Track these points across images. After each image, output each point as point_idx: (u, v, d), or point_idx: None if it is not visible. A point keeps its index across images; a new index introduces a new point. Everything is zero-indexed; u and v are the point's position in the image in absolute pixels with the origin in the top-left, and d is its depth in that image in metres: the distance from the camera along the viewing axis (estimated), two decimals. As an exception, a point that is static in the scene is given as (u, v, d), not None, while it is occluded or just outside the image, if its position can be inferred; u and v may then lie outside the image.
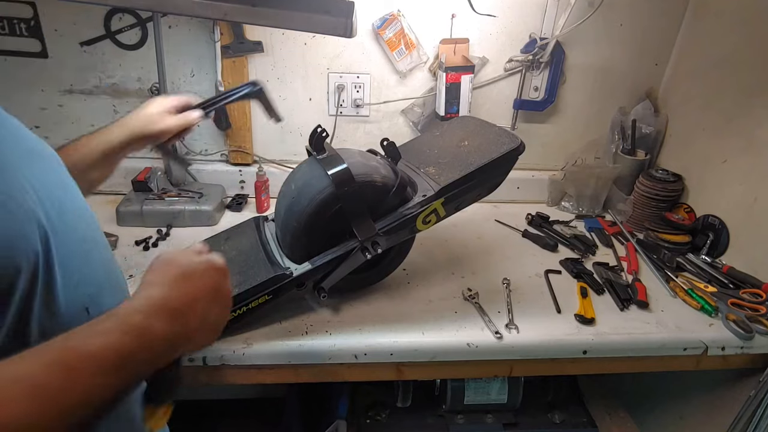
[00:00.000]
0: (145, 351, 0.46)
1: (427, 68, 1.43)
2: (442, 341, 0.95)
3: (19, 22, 1.27)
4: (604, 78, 1.49)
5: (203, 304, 0.54)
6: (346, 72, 1.41)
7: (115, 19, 1.29)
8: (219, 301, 0.57)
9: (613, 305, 1.08)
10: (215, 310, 0.56)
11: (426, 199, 0.94)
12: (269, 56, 1.37)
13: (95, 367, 0.42)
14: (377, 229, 0.91)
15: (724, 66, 1.31)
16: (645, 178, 1.41)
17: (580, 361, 1.00)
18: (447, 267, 1.19)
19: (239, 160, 1.48)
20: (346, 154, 0.96)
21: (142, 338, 0.46)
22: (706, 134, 1.35)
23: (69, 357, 0.41)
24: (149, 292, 0.52)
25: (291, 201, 0.94)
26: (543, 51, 1.40)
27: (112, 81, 1.36)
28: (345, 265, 0.92)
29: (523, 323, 1.00)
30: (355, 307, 1.02)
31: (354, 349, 0.93)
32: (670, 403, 1.35)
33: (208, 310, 0.55)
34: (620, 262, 1.26)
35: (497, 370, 1.02)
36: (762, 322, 1.03)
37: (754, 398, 1.06)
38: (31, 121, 1.38)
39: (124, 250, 1.18)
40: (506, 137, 1.01)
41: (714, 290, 1.12)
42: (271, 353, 0.90)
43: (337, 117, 1.45)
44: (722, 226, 1.27)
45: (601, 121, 1.54)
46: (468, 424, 1.25)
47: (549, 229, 1.39)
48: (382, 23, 1.34)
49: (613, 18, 1.41)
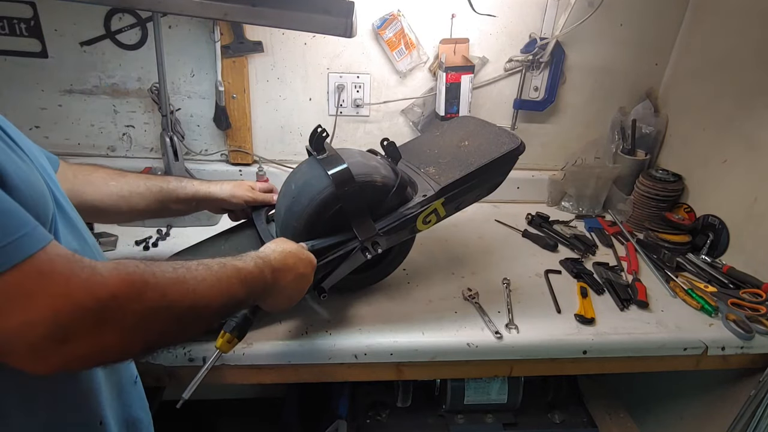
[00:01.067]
0: (257, 282, 0.67)
1: (427, 68, 1.43)
2: (442, 341, 0.95)
3: (19, 22, 1.27)
4: (604, 78, 1.49)
5: (291, 276, 0.75)
6: (346, 72, 1.41)
7: (115, 19, 1.29)
8: (301, 282, 0.78)
9: (613, 305, 1.08)
10: (296, 286, 0.77)
11: (426, 199, 0.94)
12: (269, 56, 1.37)
13: (241, 275, 0.64)
14: (377, 229, 0.91)
15: (724, 66, 1.31)
16: (645, 178, 1.41)
17: (580, 361, 1.00)
18: (447, 267, 1.19)
19: (239, 160, 1.48)
20: (347, 154, 0.96)
21: (260, 272, 0.68)
22: (706, 134, 1.35)
23: (231, 267, 0.63)
24: (267, 251, 0.75)
25: (291, 201, 0.94)
26: (543, 51, 1.40)
27: (112, 81, 1.36)
28: (345, 265, 0.92)
29: (523, 323, 1.00)
30: (355, 307, 1.02)
31: (354, 349, 0.93)
32: (670, 403, 1.35)
33: (293, 283, 0.76)
34: (620, 262, 1.26)
35: (497, 370, 1.02)
36: (762, 322, 1.03)
37: (754, 398, 1.06)
38: (31, 121, 1.38)
39: (124, 250, 1.18)
40: (506, 137, 1.01)
41: (714, 290, 1.12)
42: (271, 353, 0.90)
43: (337, 117, 1.45)
44: (722, 226, 1.27)
45: (601, 121, 1.54)
46: (468, 424, 1.25)
47: (549, 229, 1.39)
48: (382, 23, 1.34)
49: (613, 18, 1.41)
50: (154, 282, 0.51)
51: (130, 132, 1.43)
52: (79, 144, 1.43)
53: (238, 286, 0.62)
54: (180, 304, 0.54)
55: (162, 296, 0.51)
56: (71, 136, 1.42)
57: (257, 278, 0.67)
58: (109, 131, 1.42)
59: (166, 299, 0.52)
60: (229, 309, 0.65)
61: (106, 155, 1.45)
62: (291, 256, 0.76)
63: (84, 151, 1.43)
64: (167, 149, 1.32)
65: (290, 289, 0.76)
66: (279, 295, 0.74)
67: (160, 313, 0.52)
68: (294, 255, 0.77)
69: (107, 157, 1.44)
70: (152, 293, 0.50)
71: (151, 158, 1.46)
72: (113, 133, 1.43)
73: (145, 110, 1.41)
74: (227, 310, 0.65)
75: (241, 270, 0.64)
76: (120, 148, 1.45)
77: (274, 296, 0.74)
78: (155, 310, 0.51)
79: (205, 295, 0.57)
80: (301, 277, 0.77)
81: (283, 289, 0.74)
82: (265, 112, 1.44)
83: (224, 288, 0.60)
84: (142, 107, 1.40)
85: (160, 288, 0.51)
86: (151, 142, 1.45)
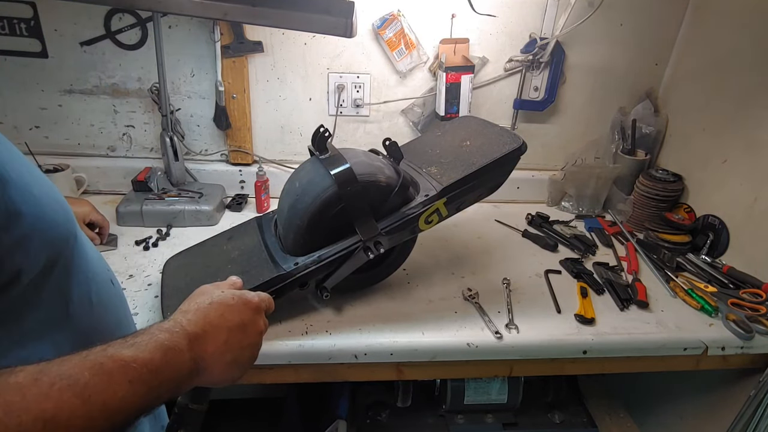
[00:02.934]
0: (169, 368, 0.48)
1: (427, 68, 1.43)
2: (442, 341, 0.95)
3: (19, 22, 1.27)
4: (604, 78, 1.49)
5: (226, 334, 0.56)
6: (346, 72, 1.41)
7: (115, 19, 1.29)
8: (245, 336, 0.58)
9: (613, 305, 1.08)
10: (240, 344, 0.57)
11: (428, 199, 0.95)
12: (269, 56, 1.37)
13: (130, 375, 0.44)
14: (380, 229, 0.91)
15: (724, 66, 1.31)
16: (645, 178, 1.41)
17: (580, 361, 1.01)
18: (447, 267, 1.19)
19: (239, 160, 1.47)
20: (351, 154, 0.96)
21: (167, 356, 0.48)
22: (706, 134, 1.35)
23: (108, 363, 0.43)
24: (177, 316, 0.55)
25: (295, 199, 0.94)
26: (543, 51, 1.40)
27: (112, 81, 1.36)
28: (348, 265, 0.92)
29: (523, 323, 1.00)
30: (355, 307, 1.02)
31: (354, 349, 0.93)
32: (670, 403, 1.35)
33: (231, 342, 0.56)
34: (620, 262, 1.26)
35: (497, 370, 1.02)
36: (762, 322, 1.03)
37: (754, 398, 1.06)
38: (31, 121, 1.38)
39: (124, 250, 1.18)
40: (508, 137, 1.01)
41: (714, 290, 1.12)
42: (271, 353, 0.90)
43: (337, 117, 1.45)
44: (722, 226, 1.27)
45: (601, 121, 1.54)
46: (468, 424, 1.25)
47: (549, 229, 1.39)
48: (382, 23, 1.34)
49: (613, 18, 1.41)
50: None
51: (130, 132, 1.43)
52: (79, 144, 1.43)
53: (128, 390, 0.43)
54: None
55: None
56: (71, 136, 1.42)
57: (164, 363, 0.47)
58: (109, 131, 1.42)
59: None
60: (130, 419, 0.44)
61: (106, 155, 1.45)
62: (213, 310, 0.56)
63: (84, 151, 1.43)
64: (167, 149, 1.32)
65: (230, 353, 0.56)
66: (215, 366, 0.54)
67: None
68: (218, 306, 0.57)
69: (107, 157, 1.44)
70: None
71: (151, 158, 1.46)
72: (113, 133, 1.43)
73: (145, 110, 1.40)
74: (128, 420, 0.44)
75: (130, 364, 0.44)
76: (120, 148, 1.45)
77: (210, 371, 0.54)
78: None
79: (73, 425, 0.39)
80: (238, 329, 0.57)
81: (220, 357, 0.55)
82: (265, 112, 1.44)
83: (103, 402, 0.41)
84: (142, 107, 1.40)
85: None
86: (151, 142, 1.45)
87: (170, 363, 0.48)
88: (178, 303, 0.60)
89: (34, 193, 0.48)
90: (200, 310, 0.56)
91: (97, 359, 0.43)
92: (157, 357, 0.47)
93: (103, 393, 0.41)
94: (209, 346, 0.54)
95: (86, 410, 0.40)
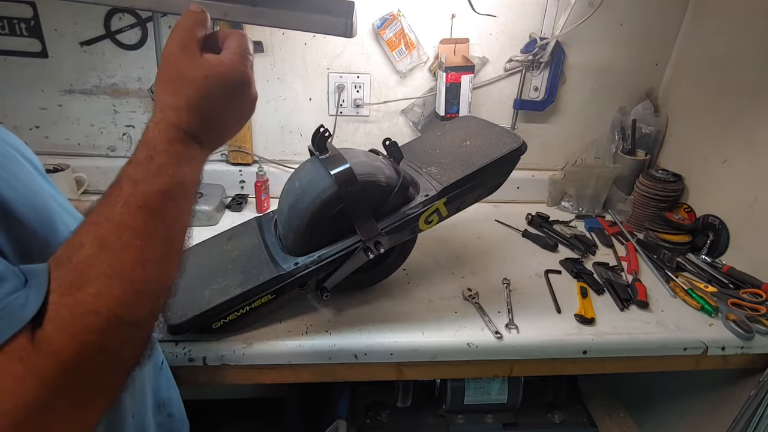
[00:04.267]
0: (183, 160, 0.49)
1: (427, 68, 1.43)
2: (442, 341, 0.95)
3: (19, 22, 1.27)
4: (604, 78, 1.49)
5: (223, 118, 0.54)
6: (346, 72, 1.41)
7: (115, 19, 1.29)
8: (236, 103, 0.55)
9: (613, 305, 1.08)
10: (231, 101, 0.54)
11: (428, 199, 0.94)
12: (269, 56, 1.37)
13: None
14: (380, 229, 0.91)
15: (724, 66, 1.31)
16: (645, 178, 1.41)
17: (580, 361, 1.00)
18: (447, 267, 1.19)
19: (239, 160, 1.47)
20: (351, 154, 0.96)
21: (180, 159, 0.49)
22: (706, 134, 1.35)
23: (129, 179, 0.46)
24: (169, 116, 0.51)
25: (295, 199, 0.94)
26: (543, 51, 1.40)
27: (112, 81, 1.36)
28: (348, 265, 0.92)
29: (523, 323, 1.00)
30: (355, 307, 1.02)
31: (354, 349, 0.93)
32: (670, 403, 1.35)
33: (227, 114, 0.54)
34: (620, 262, 1.26)
35: (497, 370, 1.02)
36: (762, 322, 1.03)
37: (754, 398, 1.06)
38: (31, 121, 1.38)
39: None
40: (508, 137, 1.01)
41: (714, 290, 1.12)
42: (271, 353, 0.90)
43: (337, 117, 1.45)
44: (722, 226, 1.27)
45: (601, 121, 1.54)
46: (468, 424, 1.25)
47: (549, 229, 1.39)
48: (382, 23, 1.34)
49: (613, 18, 1.41)
50: (104, 319, 0.41)
51: (131, 132, 1.43)
52: (79, 144, 1.43)
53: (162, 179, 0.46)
54: (134, 301, 0.43)
55: (118, 325, 0.41)
56: (71, 136, 1.42)
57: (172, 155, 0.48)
58: (109, 131, 1.42)
59: (125, 318, 0.42)
60: (182, 212, 0.49)
61: (106, 155, 1.45)
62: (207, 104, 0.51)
63: (84, 151, 1.43)
64: (167, 149, 1.32)
65: (229, 121, 0.56)
66: (218, 137, 0.55)
67: (123, 332, 0.43)
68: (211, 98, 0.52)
69: (107, 157, 1.44)
70: (110, 332, 0.41)
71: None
72: (113, 133, 1.43)
73: (145, 110, 1.40)
74: (181, 215, 0.49)
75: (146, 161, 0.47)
76: (120, 148, 1.45)
77: (214, 141, 0.54)
78: (125, 342, 0.43)
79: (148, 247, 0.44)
80: (230, 104, 0.54)
81: (221, 132, 0.55)
82: (265, 112, 1.44)
83: (154, 207, 0.45)
84: (142, 107, 1.40)
85: (107, 318, 0.41)
86: (151, 142, 1.44)
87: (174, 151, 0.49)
88: (178, 302, 0.60)
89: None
90: (192, 107, 0.51)
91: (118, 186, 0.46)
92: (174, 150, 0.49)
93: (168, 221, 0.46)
94: (210, 114, 0.52)
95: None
